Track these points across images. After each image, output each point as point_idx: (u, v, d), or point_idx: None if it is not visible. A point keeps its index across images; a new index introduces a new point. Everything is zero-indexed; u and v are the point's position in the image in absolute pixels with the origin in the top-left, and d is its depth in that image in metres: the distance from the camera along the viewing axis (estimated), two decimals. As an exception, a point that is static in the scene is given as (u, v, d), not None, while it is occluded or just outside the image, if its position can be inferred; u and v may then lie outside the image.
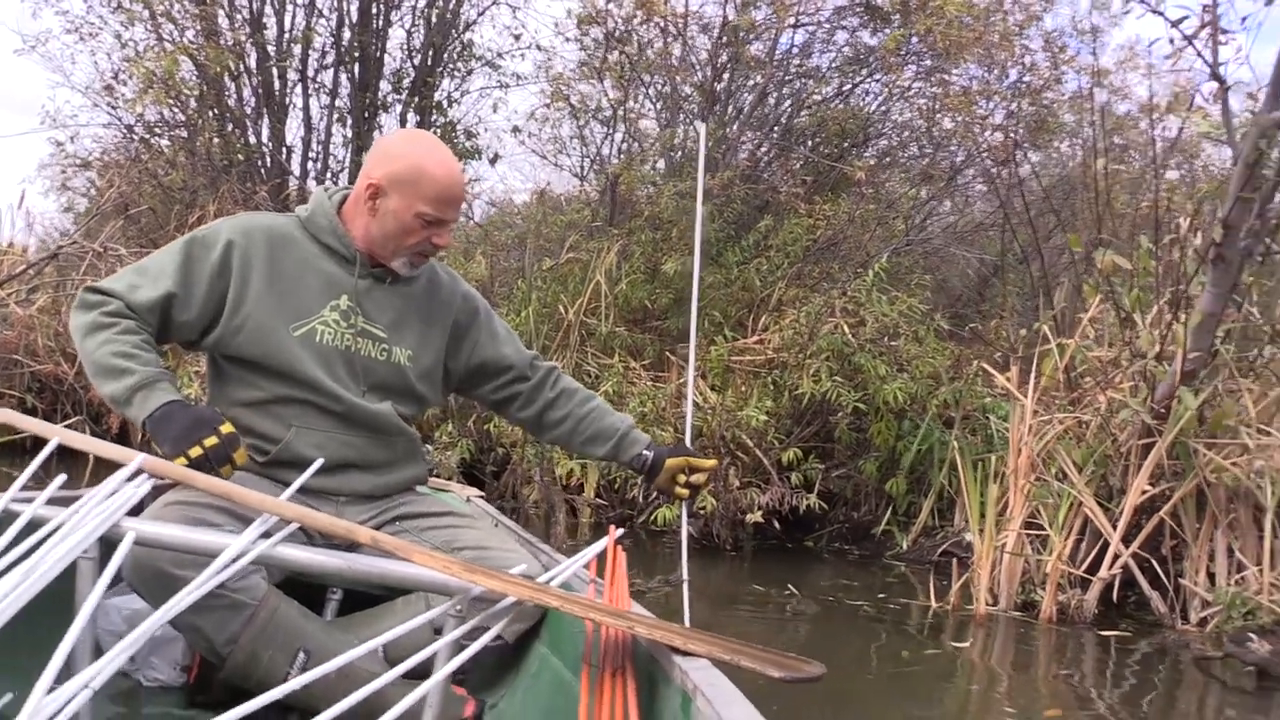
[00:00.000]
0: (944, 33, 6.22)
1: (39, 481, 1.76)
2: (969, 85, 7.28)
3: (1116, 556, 4.24)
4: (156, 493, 1.82)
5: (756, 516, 5.16)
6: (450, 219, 2.06)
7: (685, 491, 2.23)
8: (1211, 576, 4.25)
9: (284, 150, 8.91)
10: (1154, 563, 4.30)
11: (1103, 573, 4.24)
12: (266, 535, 1.67)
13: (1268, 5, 3.63)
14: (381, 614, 2.02)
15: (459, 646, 1.59)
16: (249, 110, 8.85)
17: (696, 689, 1.36)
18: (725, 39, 7.57)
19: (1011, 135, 6.37)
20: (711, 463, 2.29)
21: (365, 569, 1.69)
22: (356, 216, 2.06)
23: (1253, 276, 4.15)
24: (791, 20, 7.57)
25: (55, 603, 1.46)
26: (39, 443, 1.86)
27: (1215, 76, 3.88)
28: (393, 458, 2.12)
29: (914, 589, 4.75)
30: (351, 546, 1.78)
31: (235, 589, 1.74)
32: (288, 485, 1.94)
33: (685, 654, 1.48)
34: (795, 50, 8.13)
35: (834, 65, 8.11)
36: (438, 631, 1.67)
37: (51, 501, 1.69)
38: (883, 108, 8.03)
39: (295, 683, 1.30)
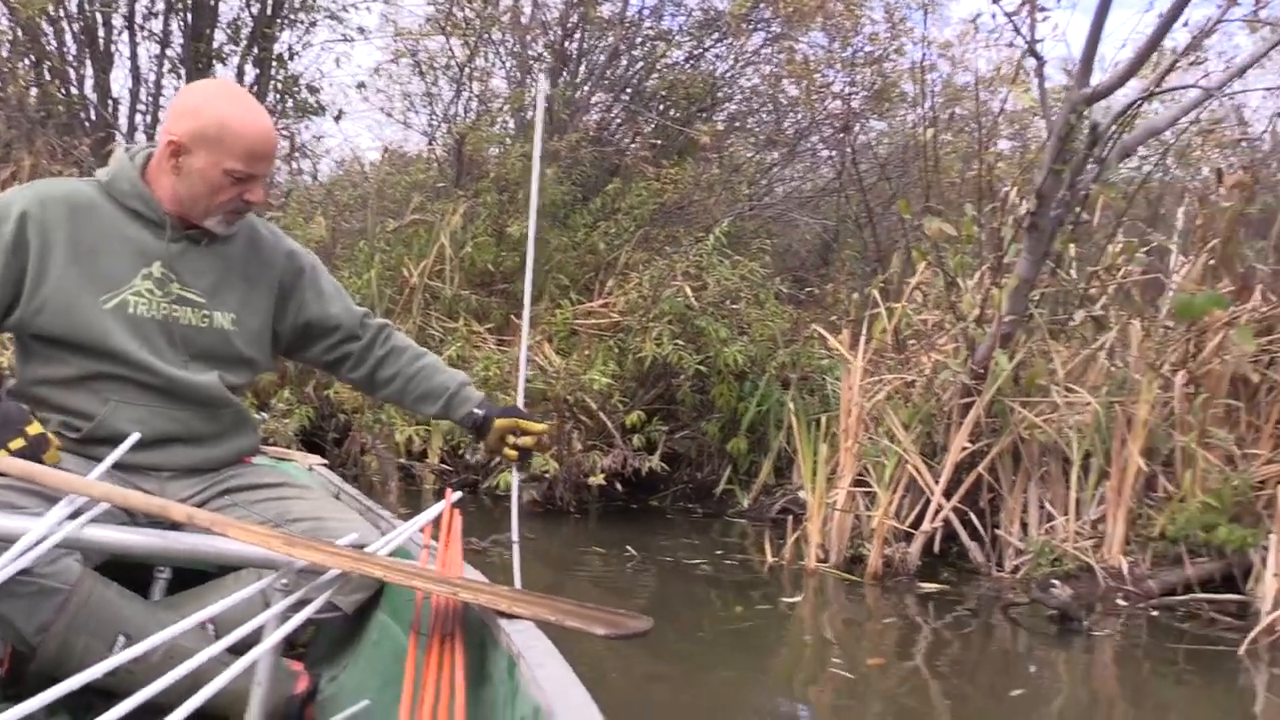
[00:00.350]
0: (789, 0, 6.30)
1: None
2: (814, 53, 7.41)
3: (938, 510, 4.44)
4: None
5: (599, 479, 5.19)
6: (261, 173, 1.94)
7: (513, 454, 2.18)
8: (1025, 526, 4.51)
9: (110, 102, 8.39)
10: (973, 516, 4.53)
11: (925, 526, 4.44)
12: (75, 515, 1.57)
13: (1076, -16, 3.80)
14: (210, 591, 1.92)
15: (286, 619, 1.52)
16: (69, 58, 8.29)
17: (519, 653, 1.36)
18: (575, -1, 7.50)
19: (849, 104, 6.52)
20: (541, 426, 2.24)
21: (182, 547, 1.61)
22: (161, 176, 1.91)
23: (1063, 243, 4.37)
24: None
25: None
26: None
27: (1032, 53, 4.06)
28: (219, 430, 2.01)
29: (752, 546, 4.87)
30: (175, 524, 1.68)
31: (44, 574, 1.62)
32: (96, 459, 1.82)
33: (511, 617, 1.47)
34: (647, 12, 8.12)
35: (685, 29, 8.14)
36: (269, 605, 1.59)
37: None
38: (731, 73, 8.10)
39: (109, 663, 1.22)
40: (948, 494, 4.46)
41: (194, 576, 2.01)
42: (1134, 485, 4.23)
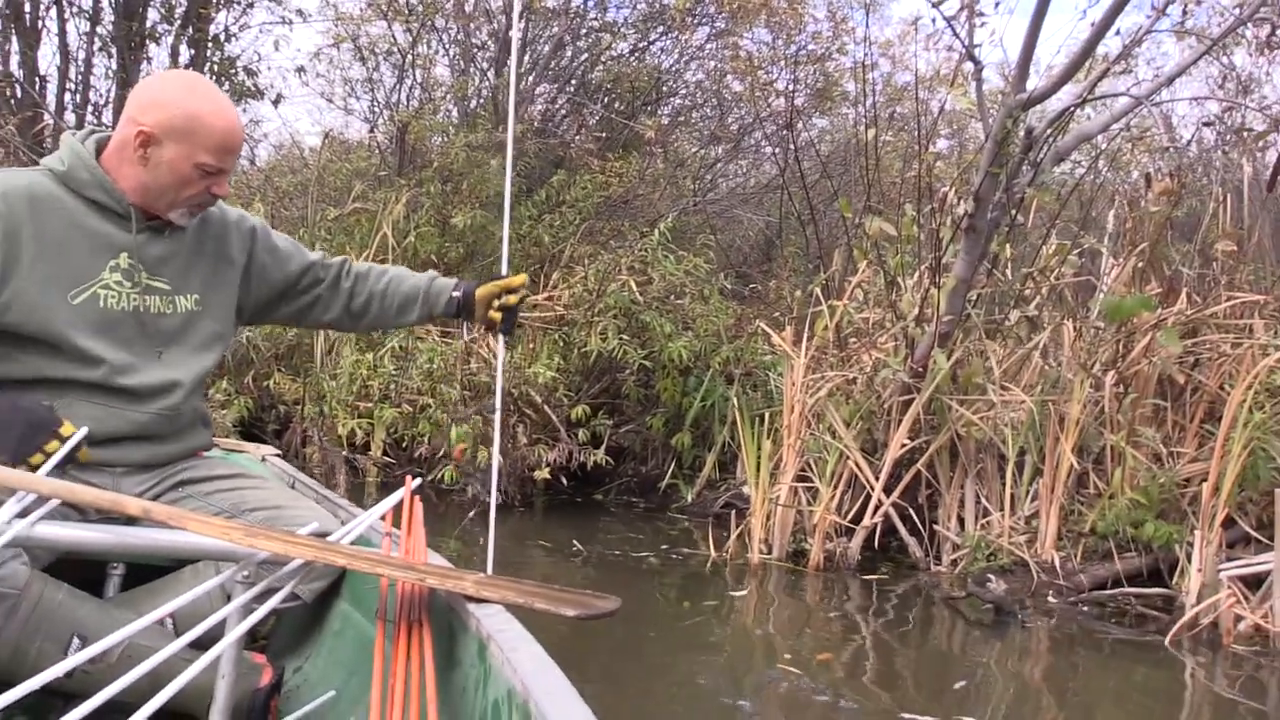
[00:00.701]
0: (732, -3, 6.35)
1: None
2: (758, 49, 7.47)
3: (879, 506, 4.54)
4: None
5: (544, 473, 5.20)
6: (229, 168, 1.95)
7: (498, 315, 2.22)
8: (961, 522, 4.63)
9: (36, 80, 8.14)
10: (912, 511, 4.64)
11: (866, 521, 4.53)
12: (23, 514, 1.54)
13: (1017, -6, 3.90)
14: (167, 586, 1.91)
15: (248, 611, 1.52)
16: (-7, 34, 8.03)
17: (490, 636, 1.37)
18: (519, -12, 7.45)
19: (792, 101, 6.59)
20: (521, 278, 2.28)
21: (140, 542, 1.58)
22: (123, 165, 1.89)
23: (1000, 245, 4.48)
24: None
25: None
26: None
27: (970, 57, 4.15)
28: (176, 428, 1.99)
29: (697, 541, 4.93)
30: (131, 520, 1.65)
31: None
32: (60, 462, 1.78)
33: (479, 601, 1.48)
34: (592, 3, 8.11)
35: (629, 21, 8.14)
36: (229, 598, 1.59)
37: None
38: (675, 67, 8.13)
39: (63, 665, 1.20)
40: (887, 490, 4.57)
41: (149, 572, 1.99)
42: (1066, 482, 4.37)
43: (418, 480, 2.05)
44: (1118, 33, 4.18)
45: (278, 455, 2.75)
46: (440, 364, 5.52)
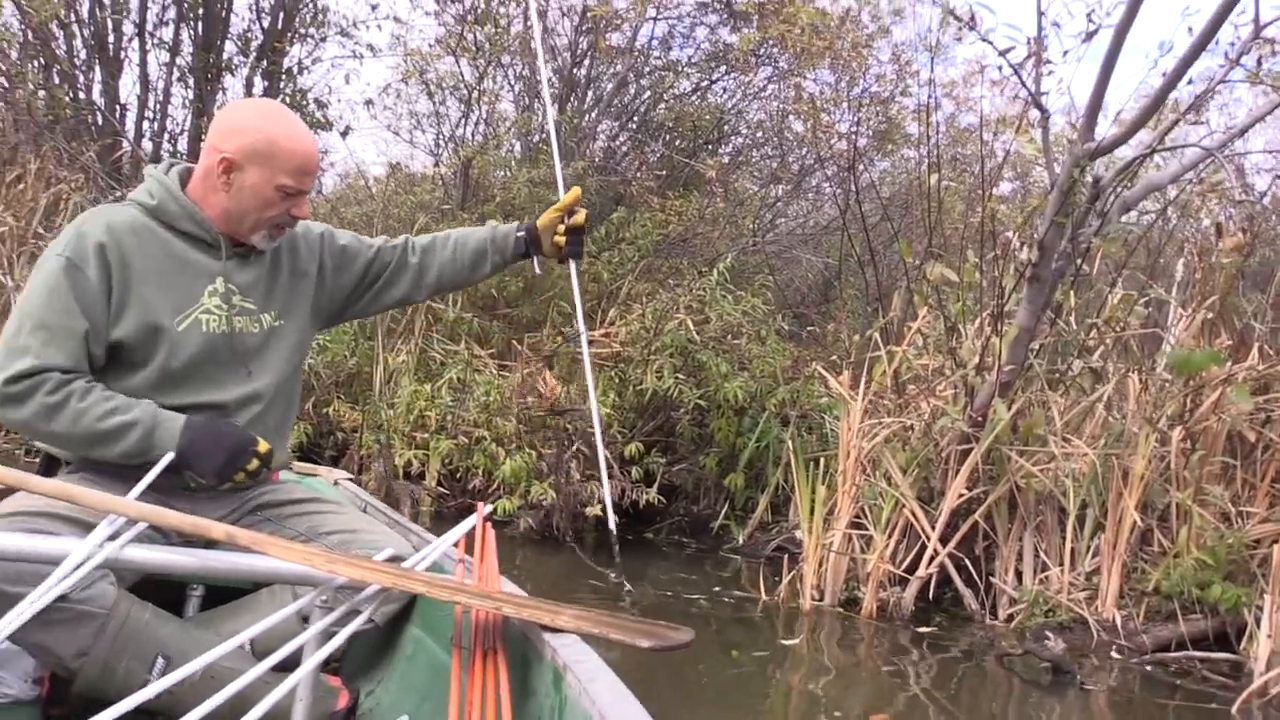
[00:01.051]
0: (796, 39, 6.37)
1: None
2: (821, 91, 7.48)
3: (934, 556, 4.46)
4: None
5: (596, 510, 5.20)
6: (308, 189, 2.03)
7: (562, 239, 2.29)
8: (1019, 575, 4.53)
9: (117, 108, 8.43)
10: (968, 562, 4.55)
11: (921, 571, 4.46)
12: (114, 537, 1.59)
13: (1085, 42, 3.86)
14: (245, 607, 1.96)
15: (327, 636, 1.56)
16: (79, 63, 8.32)
17: (566, 666, 1.38)
18: (586, 26, 7.56)
19: (854, 144, 6.58)
20: (573, 192, 2.34)
21: (222, 565, 1.62)
22: (208, 193, 1.97)
23: (1064, 294, 4.41)
24: (652, 12, 7.61)
25: None
26: None
27: (1037, 105, 4.11)
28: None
29: (747, 583, 4.88)
30: (211, 543, 1.71)
31: (80, 599, 1.64)
32: (131, 479, 1.84)
33: (555, 630, 1.49)
34: (655, 41, 8.20)
35: (693, 60, 8.21)
36: (306, 621, 1.63)
37: None
38: (737, 107, 8.17)
39: (153, 688, 1.24)
40: (944, 539, 4.49)
41: (225, 592, 2.05)
42: (1129, 539, 4.27)
43: (489, 507, 2.07)
44: (1190, 81, 4.12)
45: (350, 479, 2.79)
46: (497, 397, 5.56)
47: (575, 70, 7.89)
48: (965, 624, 4.42)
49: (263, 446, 1.91)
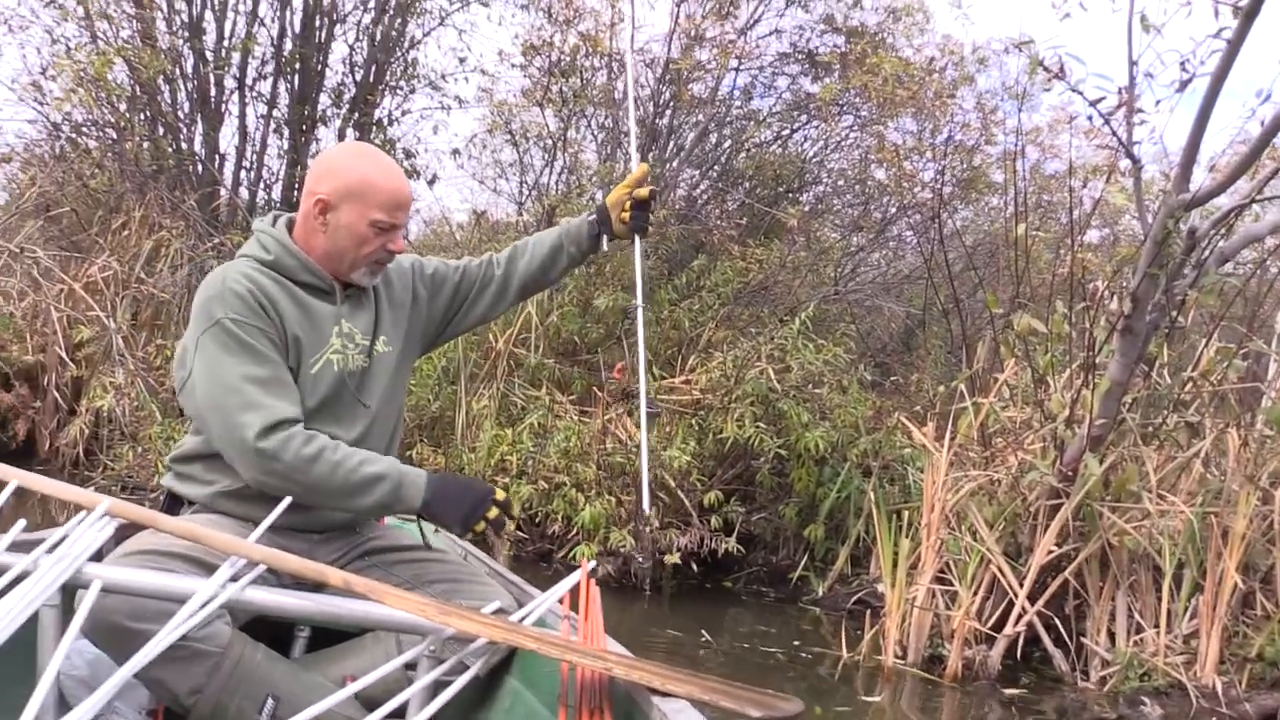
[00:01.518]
0: (879, 90, 6.37)
1: None
2: (903, 139, 7.46)
3: (1022, 614, 4.34)
4: (119, 535, 1.80)
5: (675, 558, 5.18)
6: (401, 223, 2.10)
7: (626, 215, 2.36)
8: (1112, 636, 4.38)
9: (217, 158, 8.76)
10: (1058, 621, 4.41)
11: (1008, 629, 4.34)
12: (235, 578, 1.66)
13: (1178, 93, 3.79)
14: (351, 651, 2.01)
15: (435, 686, 1.60)
16: (182, 115, 8.69)
17: None
18: (668, 77, 7.66)
19: (939, 193, 6.54)
20: (642, 168, 2.39)
21: (337, 610, 1.69)
22: (310, 237, 2.06)
23: (1158, 346, 4.30)
24: (734, 63, 7.69)
25: (14, 648, 1.42)
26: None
27: (1129, 156, 4.04)
28: None
29: (827, 637, 4.81)
30: (319, 585, 1.78)
31: (198, 637, 1.71)
32: (251, 520, 1.93)
33: (664, 694, 1.49)
34: (737, 91, 8.27)
35: (774, 110, 8.25)
36: (409, 667, 1.68)
37: (13, 547, 1.66)
38: (819, 156, 8.18)
39: None
40: (1032, 597, 4.37)
41: (329, 632, 2.08)
42: (1229, 601, 4.10)
43: (593, 564, 2.09)
44: (1290, 131, 3.99)
45: None
46: (577, 442, 5.60)
47: (658, 120, 7.99)
48: (1055, 686, 4.28)
49: (500, 495, 1.98)
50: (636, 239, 2.44)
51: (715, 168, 8.17)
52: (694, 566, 5.36)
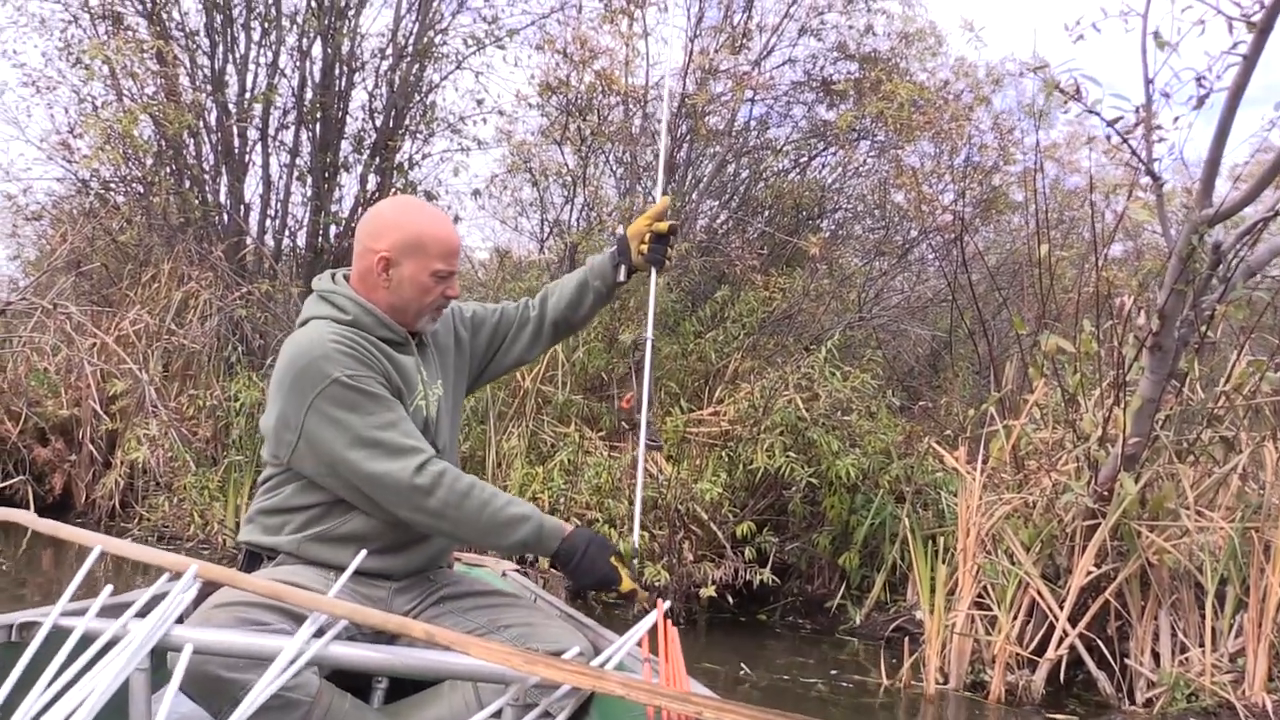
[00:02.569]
0: (894, 116, 6.40)
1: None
2: (921, 163, 7.47)
3: (1063, 636, 4.30)
4: (202, 592, 1.84)
5: (710, 591, 5.16)
6: (456, 269, 2.17)
7: (645, 247, 2.39)
8: (1156, 656, 4.32)
9: (242, 208, 8.88)
10: (1100, 643, 4.37)
11: (1050, 653, 4.30)
12: (319, 632, 1.70)
13: (1196, 109, 3.79)
14: (430, 700, 2.04)
15: None
16: (207, 168, 8.83)
17: None
18: (684, 111, 7.72)
19: (959, 216, 6.54)
20: (663, 200, 2.42)
21: (421, 663, 1.72)
22: (371, 292, 2.12)
23: (1188, 362, 4.27)
24: (749, 95, 7.75)
25: (107, 711, 1.45)
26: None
27: (1150, 174, 4.04)
28: None
29: (867, 666, 4.77)
30: (394, 637, 1.83)
31: (289, 688, 1.73)
32: (333, 566, 1.99)
33: None
34: (753, 122, 8.31)
35: (791, 139, 8.30)
36: (494, 715, 1.71)
37: (101, 613, 1.70)
38: (837, 183, 8.20)
39: None
40: (1073, 619, 4.32)
41: (406, 681, 2.11)
42: (1275, 617, 4.05)
43: (668, 604, 2.10)
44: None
45: (516, 570, 2.84)
46: (608, 478, 5.61)
47: (675, 153, 8.04)
48: (1100, 709, 4.23)
49: (625, 586, 2.05)
50: (653, 271, 2.45)
51: (734, 198, 8.21)
52: (729, 599, 5.34)
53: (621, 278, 2.45)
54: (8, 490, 6.76)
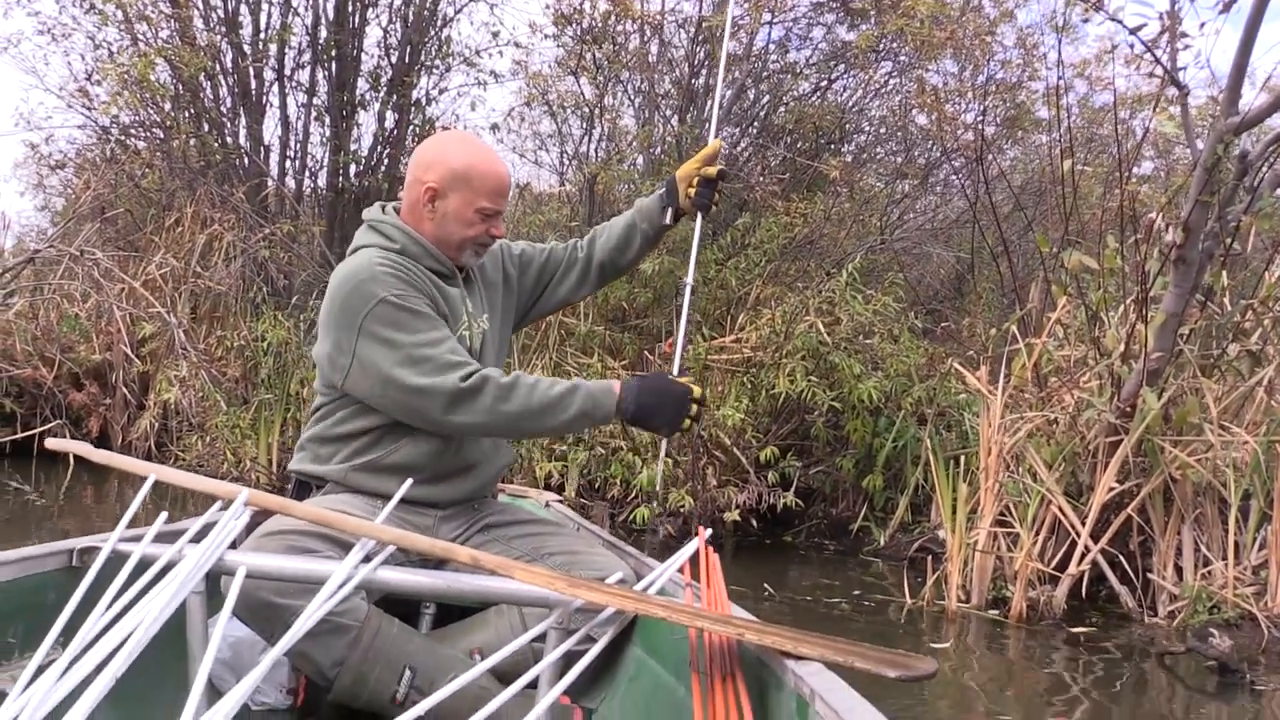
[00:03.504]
0: (916, 32, 6.26)
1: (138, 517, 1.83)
2: (944, 82, 7.33)
3: (1085, 552, 4.32)
4: (253, 521, 1.89)
5: (734, 515, 5.22)
6: (503, 209, 2.18)
7: (693, 190, 2.36)
8: (1179, 571, 4.34)
9: (261, 150, 8.89)
10: (1122, 558, 4.38)
11: (1072, 569, 4.32)
12: (367, 558, 1.75)
13: (1223, 13, 3.69)
14: (478, 625, 2.09)
15: (566, 657, 1.66)
16: (225, 110, 8.82)
17: (815, 693, 1.36)
18: (701, 37, 7.60)
19: (981, 134, 6.42)
20: (714, 144, 2.40)
21: (467, 587, 1.76)
22: (419, 224, 2.15)
23: (1214, 276, 4.21)
24: (767, 17, 7.60)
25: (163, 633, 1.49)
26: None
27: (1174, 83, 3.95)
28: (488, 450, 2.21)
29: (890, 586, 4.82)
30: (442, 562, 1.86)
31: (338, 612, 1.79)
32: (380, 495, 2.04)
33: (797, 658, 1.48)
34: (772, 46, 8.17)
35: (811, 62, 8.15)
36: (536, 639, 1.75)
37: (158, 538, 1.76)
38: (858, 106, 8.07)
39: (420, 708, 1.30)
40: (1095, 536, 4.33)
41: (453, 608, 2.18)
42: (1298, 529, 4.04)
43: (709, 531, 2.13)
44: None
45: (558, 500, 2.89)
46: (630, 408, 5.64)
47: (694, 80, 7.94)
48: (1122, 623, 4.26)
49: (696, 391, 2.03)
50: (699, 216, 2.40)
51: (755, 124, 8.10)
52: (754, 523, 5.40)
53: (668, 220, 2.41)
54: (47, 435, 6.90)
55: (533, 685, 1.60)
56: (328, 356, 2.07)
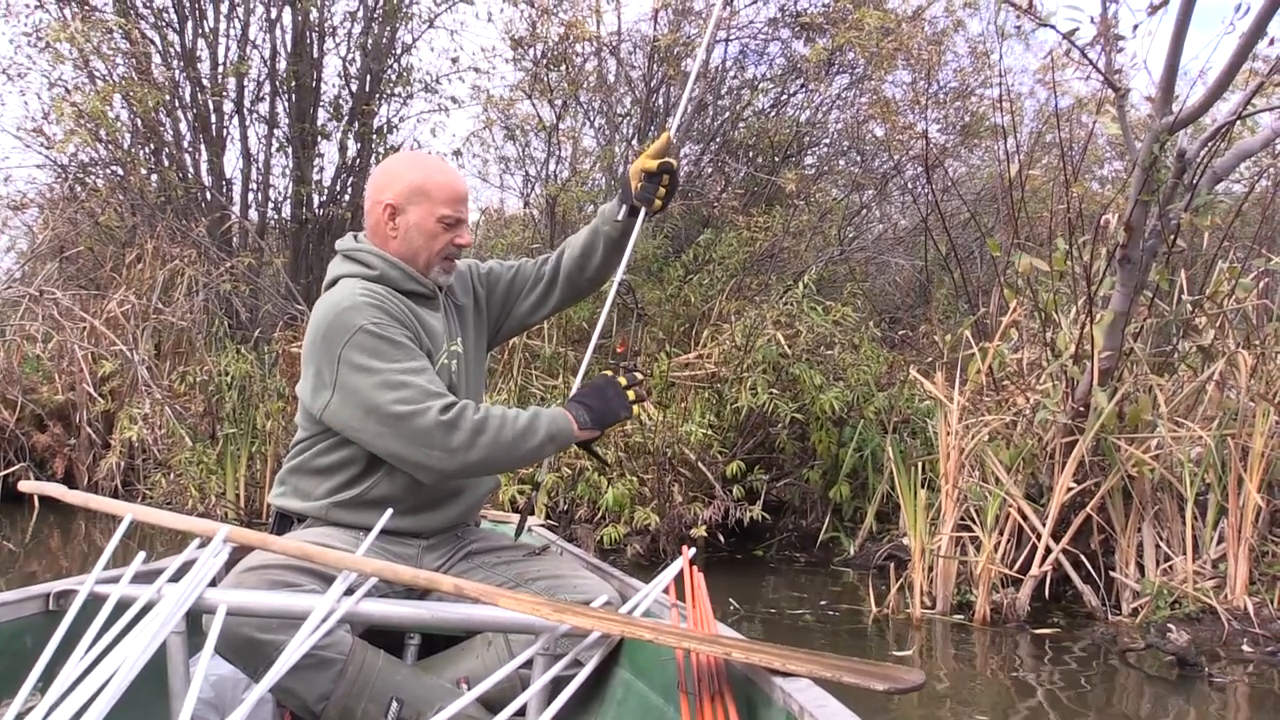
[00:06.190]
0: (864, 44, 6.32)
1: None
2: (898, 93, 7.39)
3: (1047, 553, 4.33)
4: (233, 558, 1.87)
5: (700, 531, 5.21)
6: (465, 216, 2.17)
7: (638, 185, 2.29)
8: (1141, 567, 4.36)
9: (223, 183, 8.86)
10: (1084, 558, 4.40)
11: (1034, 570, 4.33)
12: (349, 591, 1.73)
13: (1151, 14, 3.74)
14: (463, 654, 2.07)
15: (553, 683, 1.66)
16: (186, 144, 8.79)
17: (804, 710, 1.36)
18: (658, 56, 7.64)
19: (929, 143, 6.47)
20: (663, 136, 2.34)
21: (452, 616, 1.75)
22: (385, 245, 2.14)
23: (1160, 274, 4.25)
24: (723, 34, 7.65)
25: (144, 674, 1.47)
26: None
27: (1109, 84, 4.00)
28: (468, 482, 2.19)
29: (860, 595, 4.82)
30: (426, 592, 1.85)
31: (322, 646, 1.76)
32: (363, 528, 2.02)
33: (785, 675, 1.48)
34: (730, 62, 8.22)
35: (767, 76, 8.21)
36: (524, 666, 1.74)
37: (135, 579, 1.73)
38: (815, 119, 8.12)
39: None
40: (1056, 536, 4.35)
41: (438, 636, 2.16)
42: (1255, 522, 4.08)
43: (693, 550, 2.12)
44: (1271, 42, 3.93)
45: (541, 525, 2.87)
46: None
47: (653, 99, 7.98)
48: (1086, 622, 4.28)
49: (622, 380, 2.12)
50: (642, 211, 2.31)
51: (715, 140, 8.14)
52: (721, 538, 5.39)
53: (621, 216, 2.35)
54: (10, 478, 6.83)
55: (521, 712, 1.60)
56: (310, 389, 2.06)
